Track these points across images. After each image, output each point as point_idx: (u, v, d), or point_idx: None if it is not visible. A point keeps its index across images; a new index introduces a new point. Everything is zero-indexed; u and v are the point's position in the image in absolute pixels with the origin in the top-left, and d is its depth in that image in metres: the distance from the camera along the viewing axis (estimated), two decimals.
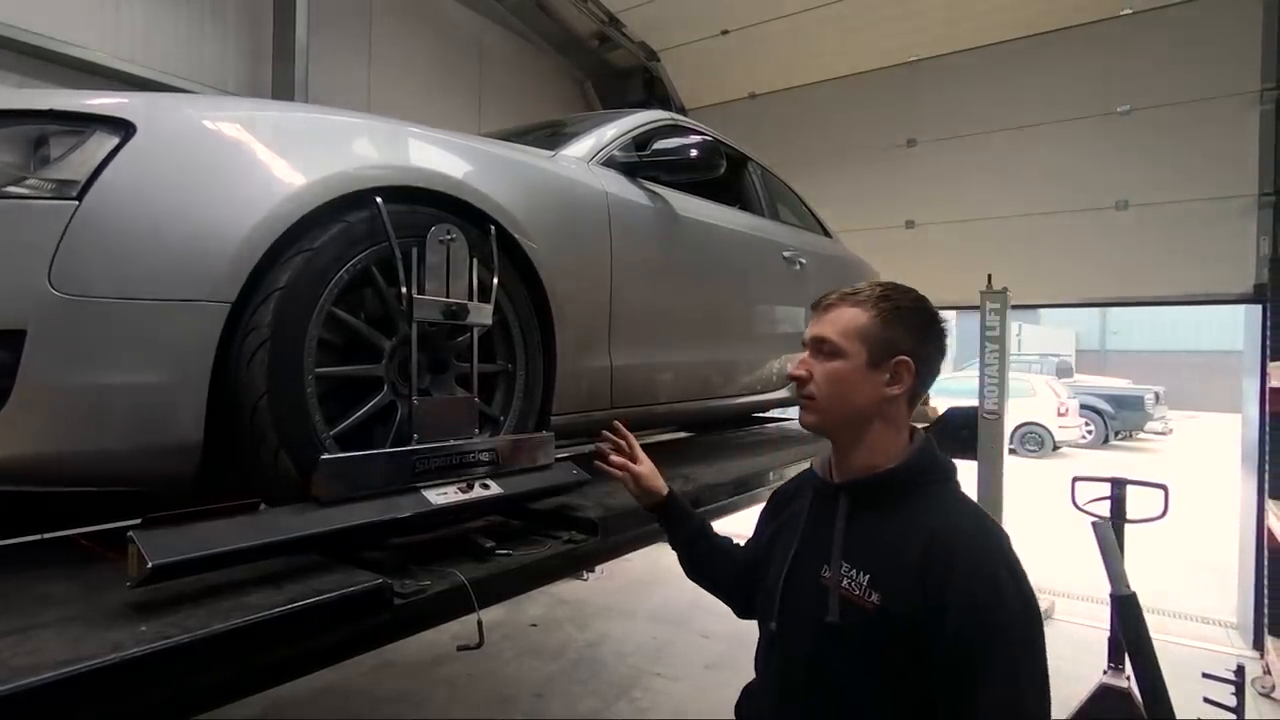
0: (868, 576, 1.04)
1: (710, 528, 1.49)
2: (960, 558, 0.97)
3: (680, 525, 1.47)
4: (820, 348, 1.14)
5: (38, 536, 1.33)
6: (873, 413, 1.11)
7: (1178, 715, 2.16)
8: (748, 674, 1.28)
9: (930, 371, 1.14)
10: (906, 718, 1.00)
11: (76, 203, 1.08)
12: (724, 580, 1.41)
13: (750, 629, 1.29)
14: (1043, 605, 4.67)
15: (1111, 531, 2.57)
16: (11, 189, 1.08)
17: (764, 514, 1.37)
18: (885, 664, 1.01)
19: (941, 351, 1.16)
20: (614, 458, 1.49)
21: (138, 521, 1.00)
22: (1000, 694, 0.92)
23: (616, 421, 1.54)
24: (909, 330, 1.11)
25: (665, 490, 1.47)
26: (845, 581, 1.06)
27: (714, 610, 1.48)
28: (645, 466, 1.47)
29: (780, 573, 1.19)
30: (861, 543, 1.09)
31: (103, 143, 1.13)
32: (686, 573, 1.48)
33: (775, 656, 1.20)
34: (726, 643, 4.04)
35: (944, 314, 1.29)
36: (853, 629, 1.04)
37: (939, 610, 0.96)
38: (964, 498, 1.11)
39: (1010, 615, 0.94)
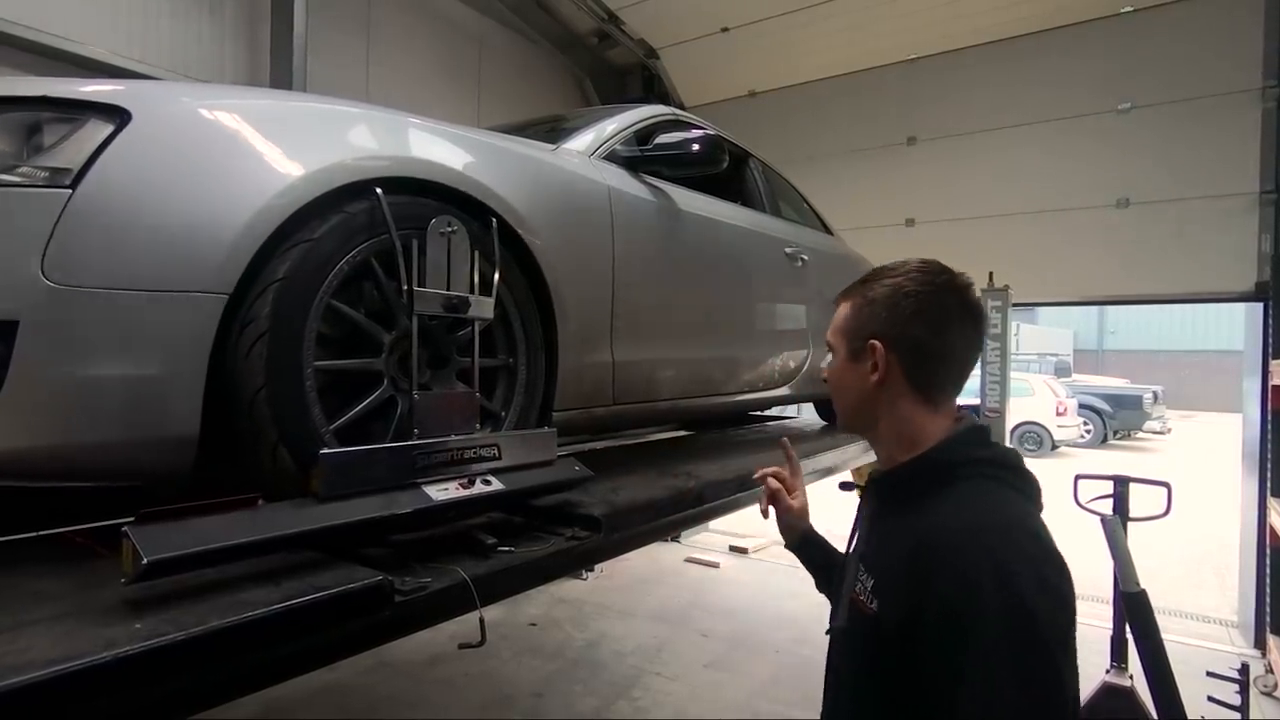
0: (872, 582, 1.01)
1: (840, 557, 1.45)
2: (939, 562, 0.89)
3: (818, 559, 1.42)
4: (828, 349, 1.15)
5: (31, 533, 1.31)
6: (870, 405, 1.06)
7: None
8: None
9: (917, 348, 1.01)
10: None
11: (70, 191, 1.06)
12: None
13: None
14: None
15: (1121, 528, 2.56)
16: (4, 177, 1.06)
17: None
18: (884, 672, 0.97)
19: (927, 323, 1.01)
20: (772, 482, 1.41)
21: (132, 518, 0.98)
22: (977, 705, 0.83)
23: (785, 440, 1.47)
24: (877, 311, 1.04)
25: (806, 528, 1.44)
26: (857, 587, 1.04)
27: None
28: (799, 502, 1.42)
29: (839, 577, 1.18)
30: (877, 546, 1.06)
31: (97, 130, 1.11)
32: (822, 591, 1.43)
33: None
34: (726, 642, 4.02)
35: None
36: (857, 635, 1.02)
37: (919, 617, 0.89)
38: (979, 496, 0.96)
39: (986, 623, 0.83)
